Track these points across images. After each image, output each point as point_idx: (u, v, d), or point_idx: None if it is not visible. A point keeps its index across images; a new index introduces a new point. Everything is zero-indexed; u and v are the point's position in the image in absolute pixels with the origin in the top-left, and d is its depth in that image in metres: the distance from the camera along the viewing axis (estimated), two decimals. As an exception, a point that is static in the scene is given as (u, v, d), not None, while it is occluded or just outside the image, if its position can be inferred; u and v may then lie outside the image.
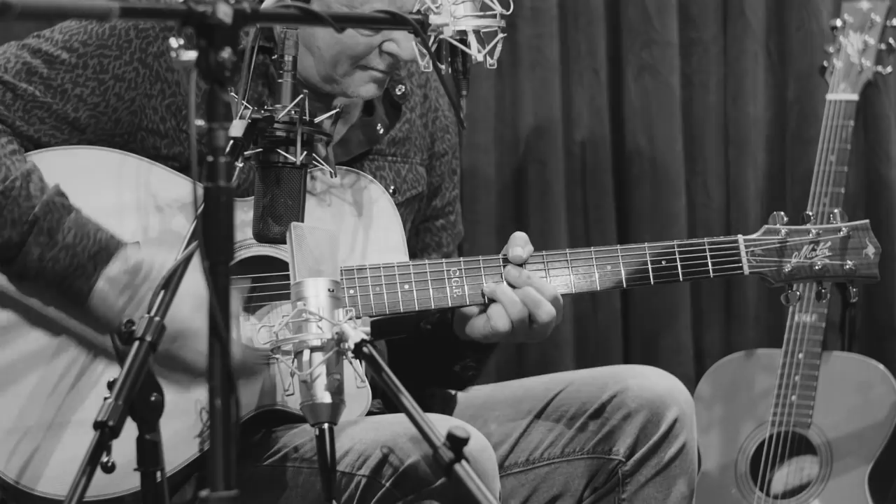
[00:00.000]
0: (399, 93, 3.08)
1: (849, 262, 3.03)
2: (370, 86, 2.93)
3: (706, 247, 2.98)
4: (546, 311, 2.88)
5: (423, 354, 3.08)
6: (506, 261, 2.92)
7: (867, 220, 3.06)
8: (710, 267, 2.98)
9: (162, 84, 2.88)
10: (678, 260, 2.96)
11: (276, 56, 2.81)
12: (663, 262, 2.97)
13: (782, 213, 3.05)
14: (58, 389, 2.78)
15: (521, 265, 2.90)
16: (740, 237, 3.00)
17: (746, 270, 2.99)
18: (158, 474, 2.47)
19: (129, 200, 2.85)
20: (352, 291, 2.85)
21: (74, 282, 2.75)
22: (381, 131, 3.05)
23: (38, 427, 2.77)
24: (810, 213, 3.07)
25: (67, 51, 2.86)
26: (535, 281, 2.89)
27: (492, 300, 2.89)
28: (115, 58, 2.86)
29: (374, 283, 2.87)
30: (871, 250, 3.05)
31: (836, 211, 3.08)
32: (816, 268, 3.02)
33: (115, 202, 2.85)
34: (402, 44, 2.87)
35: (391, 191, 3.03)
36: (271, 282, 2.89)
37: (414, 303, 2.88)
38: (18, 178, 2.75)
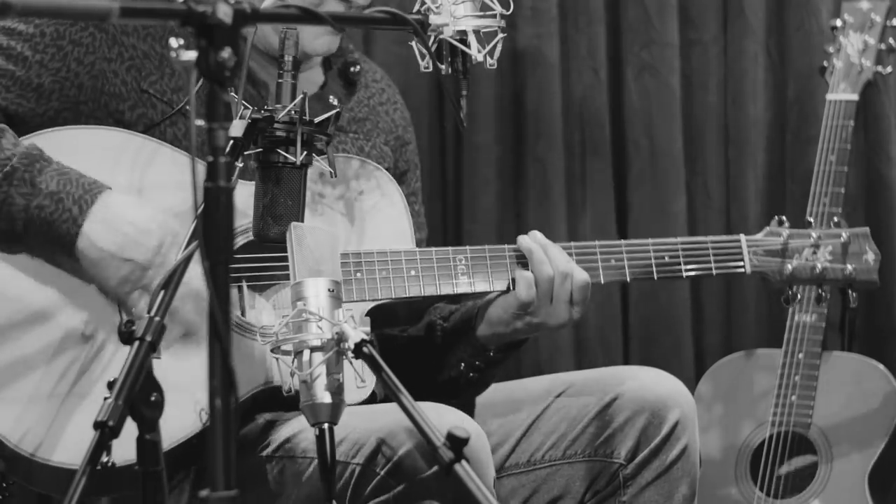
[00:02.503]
0: (354, 70, 3.15)
1: (849, 266, 3.04)
2: (324, 38, 3.00)
3: (709, 245, 3.00)
4: (569, 288, 2.90)
5: (431, 354, 3.08)
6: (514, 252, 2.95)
7: (867, 228, 3.08)
8: (712, 265, 2.99)
9: (119, 48, 2.93)
10: (681, 257, 2.98)
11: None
12: (666, 258, 2.98)
13: (783, 216, 3.06)
14: (64, 373, 2.79)
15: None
16: (742, 237, 3.02)
17: (748, 269, 3.00)
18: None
19: (132, 180, 2.87)
20: (359, 275, 2.87)
21: (61, 226, 2.75)
22: (336, 102, 3.05)
23: (51, 399, 2.77)
24: (811, 219, 3.09)
25: (24, 23, 2.90)
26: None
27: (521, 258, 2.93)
28: (70, 24, 2.91)
29: (381, 267, 2.89)
30: (870, 256, 3.06)
31: (836, 217, 3.09)
32: (817, 270, 3.03)
33: (124, 183, 2.86)
34: None
35: None
36: (278, 261, 2.89)
37: (421, 288, 2.90)
38: None
